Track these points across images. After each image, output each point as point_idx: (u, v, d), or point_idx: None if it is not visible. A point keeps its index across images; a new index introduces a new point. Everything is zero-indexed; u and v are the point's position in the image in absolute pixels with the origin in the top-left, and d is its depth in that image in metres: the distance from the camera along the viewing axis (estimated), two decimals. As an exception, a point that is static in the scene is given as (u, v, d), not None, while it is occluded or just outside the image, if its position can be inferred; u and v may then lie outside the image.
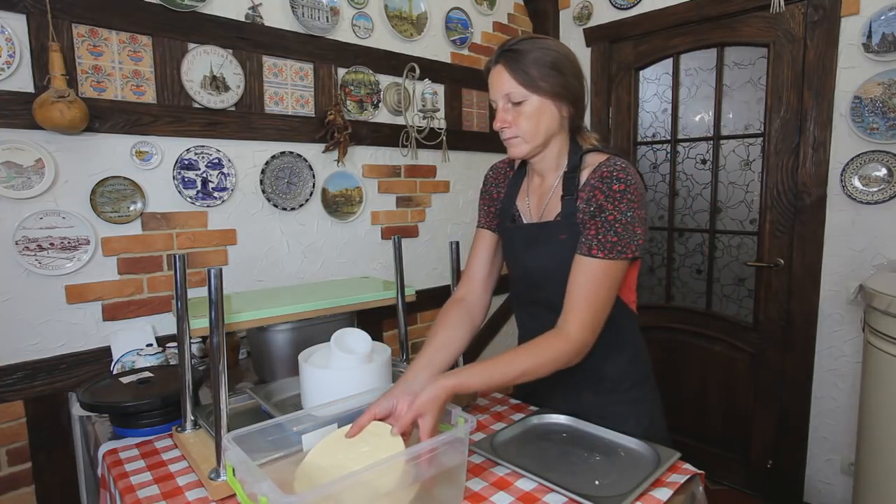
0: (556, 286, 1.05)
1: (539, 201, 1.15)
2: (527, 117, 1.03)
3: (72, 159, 1.53)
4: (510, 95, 1.03)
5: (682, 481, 0.96)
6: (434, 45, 2.42)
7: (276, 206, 1.95)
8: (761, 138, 2.29)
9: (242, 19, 1.83)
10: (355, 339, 1.12)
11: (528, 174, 1.20)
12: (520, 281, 1.20)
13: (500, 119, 1.05)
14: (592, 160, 1.07)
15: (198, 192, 1.76)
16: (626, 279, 1.09)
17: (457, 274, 1.35)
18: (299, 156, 1.99)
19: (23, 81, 1.44)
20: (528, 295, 1.19)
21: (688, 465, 1.01)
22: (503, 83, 1.02)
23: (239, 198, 1.87)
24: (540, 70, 1.00)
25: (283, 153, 1.95)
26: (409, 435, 0.88)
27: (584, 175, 1.06)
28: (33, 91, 1.45)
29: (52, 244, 1.50)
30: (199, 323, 1.18)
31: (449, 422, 0.93)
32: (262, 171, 1.90)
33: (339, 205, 2.14)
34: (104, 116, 1.56)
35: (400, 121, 2.31)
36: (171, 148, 1.70)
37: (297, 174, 2.00)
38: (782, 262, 2.23)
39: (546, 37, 1.07)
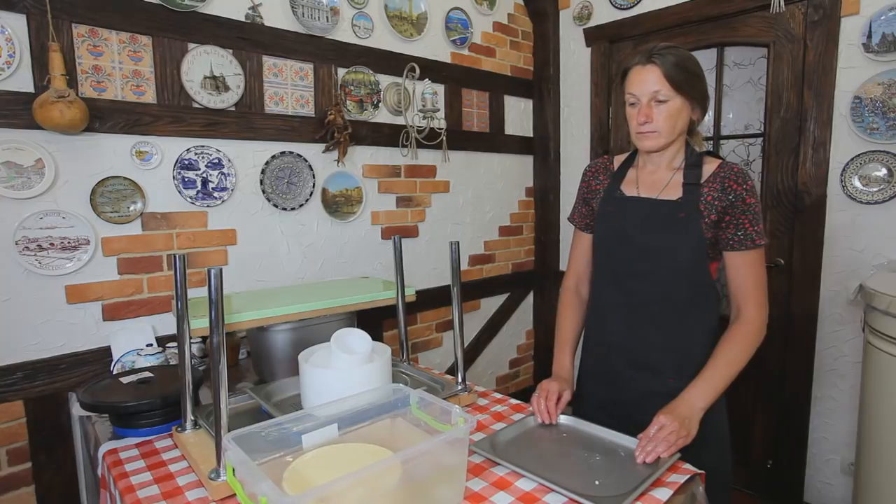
0: (660, 257, 1.18)
1: (651, 188, 1.25)
2: (668, 115, 1.14)
3: (72, 159, 1.53)
4: (658, 93, 1.13)
5: (682, 481, 0.96)
6: (434, 45, 2.42)
7: (276, 206, 1.95)
8: (761, 138, 2.29)
9: (242, 19, 1.83)
10: (355, 339, 1.12)
11: (637, 165, 1.30)
12: (618, 250, 1.26)
13: (644, 114, 1.15)
14: (711, 160, 1.21)
15: (198, 192, 1.76)
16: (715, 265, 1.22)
17: (458, 274, 1.34)
18: (299, 156, 1.99)
19: (23, 81, 1.44)
20: (623, 265, 1.25)
21: (688, 465, 1.01)
22: (654, 81, 1.13)
23: (239, 198, 1.87)
24: (684, 74, 1.13)
25: (283, 153, 1.95)
26: None
27: (706, 170, 1.19)
28: (33, 91, 1.45)
29: (52, 244, 1.50)
30: (199, 323, 1.18)
31: (449, 422, 0.93)
32: (262, 171, 1.91)
33: (339, 205, 2.14)
34: (104, 116, 1.56)
35: (400, 121, 2.31)
36: (171, 148, 1.70)
37: (297, 174, 2.00)
38: (782, 262, 2.23)
39: (677, 45, 1.17)
